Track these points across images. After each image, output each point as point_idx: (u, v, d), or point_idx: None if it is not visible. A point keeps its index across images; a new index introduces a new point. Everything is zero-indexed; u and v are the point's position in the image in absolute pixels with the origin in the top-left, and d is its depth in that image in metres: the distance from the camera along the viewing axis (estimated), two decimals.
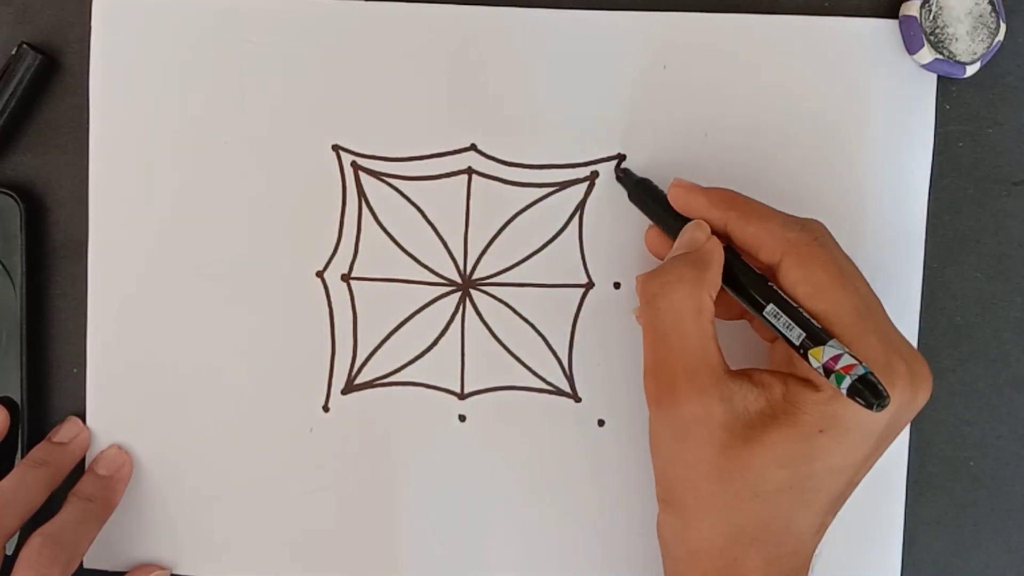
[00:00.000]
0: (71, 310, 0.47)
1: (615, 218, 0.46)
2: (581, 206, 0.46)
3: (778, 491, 0.38)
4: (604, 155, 0.46)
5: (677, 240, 0.41)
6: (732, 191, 0.42)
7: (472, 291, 0.47)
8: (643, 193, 0.44)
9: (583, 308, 0.46)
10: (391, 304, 0.47)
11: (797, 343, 0.37)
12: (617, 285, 0.46)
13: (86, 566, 0.47)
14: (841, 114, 0.45)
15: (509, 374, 0.46)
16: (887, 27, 0.45)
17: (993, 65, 0.45)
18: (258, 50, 0.46)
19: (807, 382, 0.38)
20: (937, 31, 0.44)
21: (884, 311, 0.40)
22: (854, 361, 0.36)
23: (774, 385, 0.39)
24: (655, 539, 0.42)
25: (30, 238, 0.46)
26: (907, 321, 0.46)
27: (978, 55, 0.44)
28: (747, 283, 0.40)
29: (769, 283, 0.39)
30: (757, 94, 0.45)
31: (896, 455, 0.46)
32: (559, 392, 0.47)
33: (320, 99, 0.46)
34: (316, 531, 0.47)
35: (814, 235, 0.40)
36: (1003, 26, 0.44)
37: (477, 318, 0.46)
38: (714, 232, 0.41)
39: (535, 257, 0.46)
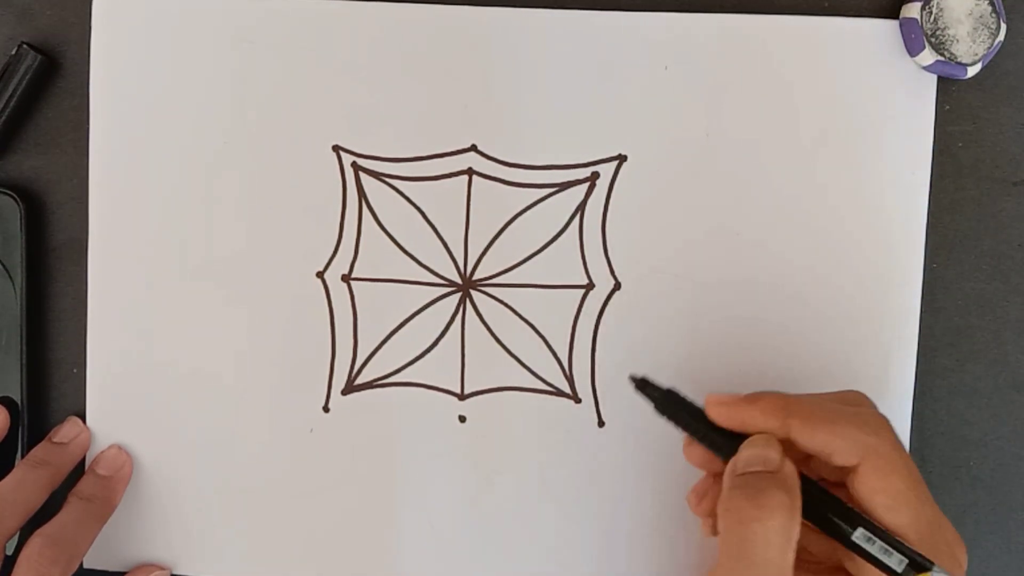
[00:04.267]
0: (71, 310, 0.47)
1: (615, 219, 0.46)
2: (582, 207, 0.46)
3: None
4: (604, 155, 0.46)
5: (742, 456, 0.38)
6: (781, 395, 0.39)
7: (472, 292, 0.47)
8: (674, 407, 0.39)
9: (583, 309, 0.46)
10: (391, 305, 0.47)
11: (899, 570, 0.35)
12: (618, 286, 0.46)
13: (86, 566, 0.47)
14: (841, 114, 0.45)
15: (509, 375, 0.46)
16: (887, 28, 0.45)
17: (993, 65, 0.45)
18: (258, 50, 0.46)
19: None
20: (938, 33, 0.43)
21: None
22: None
23: None
24: (655, 539, 0.42)
25: (30, 238, 0.46)
26: (907, 321, 0.46)
27: (979, 56, 0.44)
28: (827, 507, 0.37)
29: (848, 504, 0.37)
30: (757, 94, 0.45)
31: None
32: (559, 393, 0.47)
33: (320, 99, 0.46)
34: (316, 531, 0.47)
35: (892, 439, 0.38)
36: (1003, 26, 0.44)
37: (477, 319, 0.46)
38: None
39: (535, 258, 0.46)
